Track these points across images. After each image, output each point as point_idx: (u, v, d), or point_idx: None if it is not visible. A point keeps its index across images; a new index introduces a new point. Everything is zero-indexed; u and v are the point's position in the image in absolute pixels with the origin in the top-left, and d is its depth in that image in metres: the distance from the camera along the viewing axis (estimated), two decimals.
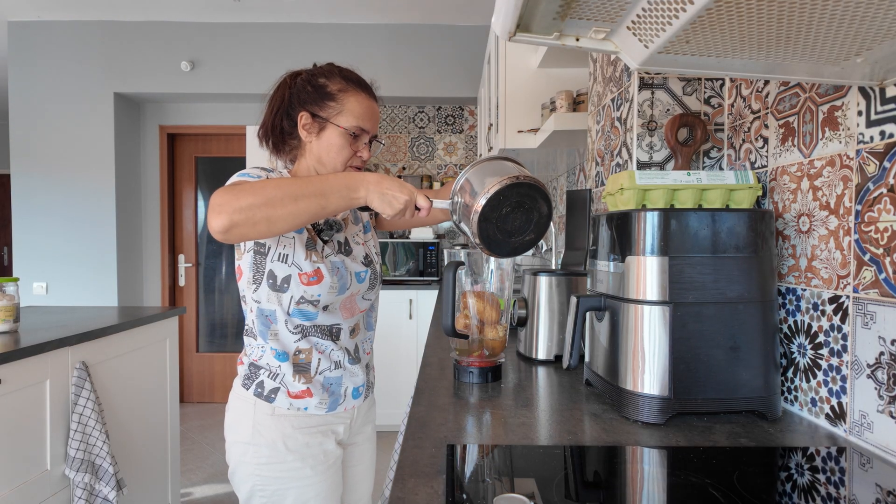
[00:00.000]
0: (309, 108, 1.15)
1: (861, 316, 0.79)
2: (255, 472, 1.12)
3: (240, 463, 1.13)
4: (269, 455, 1.11)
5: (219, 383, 4.31)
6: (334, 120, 1.15)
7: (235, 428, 1.15)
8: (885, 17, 0.58)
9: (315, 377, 1.15)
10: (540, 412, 0.95)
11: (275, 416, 1.12)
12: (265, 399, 1.12)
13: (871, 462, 0.75)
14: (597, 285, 1.03)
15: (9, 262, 6.51)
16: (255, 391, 1.13)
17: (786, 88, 0.97)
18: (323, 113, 1.15)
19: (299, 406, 1.14)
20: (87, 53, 3.86)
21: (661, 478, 0.72)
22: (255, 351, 1.15)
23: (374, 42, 3.93)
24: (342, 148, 1.15)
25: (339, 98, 1.16)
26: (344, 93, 1.16)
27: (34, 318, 2.02)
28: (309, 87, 1.16)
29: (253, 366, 1.15)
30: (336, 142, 1.15)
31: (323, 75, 1.18)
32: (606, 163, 1.43)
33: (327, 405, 1.16)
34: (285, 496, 1.12)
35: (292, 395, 1.13)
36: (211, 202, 0.95)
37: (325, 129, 1.15)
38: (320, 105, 1.15)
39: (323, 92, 1.16)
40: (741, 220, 0.89)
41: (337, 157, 1.16)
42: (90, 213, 3.87)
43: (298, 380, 1.13)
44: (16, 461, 1.52)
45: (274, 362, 1.13)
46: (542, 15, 0.64)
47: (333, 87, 1.16)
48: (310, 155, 1.18)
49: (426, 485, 0.67)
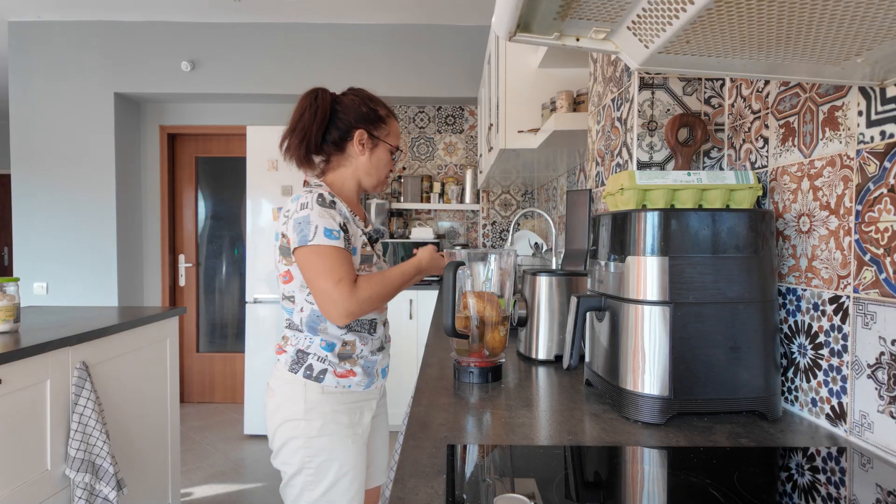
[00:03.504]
0: (366, 127, 1.36)
1: (861, 316, 0.79)
2: (305, 446, 1.27)
3: (290, 439, 1.28)
4: (321, 428, 1.28)
5: (219, 383, 4.31)
6: (386, 140, 1.38)
7: (287, 407, 1.29)
8: (886, 17, 0.58)
9: (357, 361, 1.33)
10: (540, 412, 0.95)
11: (324, 394, 1.30)
12: (314, 380, 1.29)
13: (871, 462, 0.75)
14: (597, 285, 1.03)
15: (9, 262, 6.51)
16: (305, 374, 1.29)
17: (786, 88, 0.97)
18: (377, 133, 1.37)
19: (344, 384, 1.32)
20: (88, 53, 3.86)
21: (662, 478, 0.72)
22: (302, 341, 1.32)
23: (374, 42, 3.93)
24: (388, 163, 1.40)
25: (387, 121, 1.39)
26: (389, 117, 1.40)
27: (34, 318, 2.02)
28: (364, 109, 1.35)
29: (300, 352, 1.31)
30: (385, 158, 1.39)
31: (371, 99, 1.38)
32: (607, 163, 1.43)
33: (365, 384, 1.35)
34: (330, 467, 1.28)
35: (338, 375, 1.31)
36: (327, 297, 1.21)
37: (377, 146, 1.37)
38: (376, 126, 1.37)
39: (376, 115, 1.37)
40: (741, 221, 0.89)
41: (384, 170, 1.40)
42: (90, 213, 3.87)
43: (343, 364, 1.31)
44: (16, 461, 1.52)
45: (321, 351, 1.31)
46: (543, 15, 0.64)
47: (382, 112, 1.39)
48: (354, 167, 1.38)
49: (426, 485, 0.67)
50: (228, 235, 4.35)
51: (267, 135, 3.53)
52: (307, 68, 3.91)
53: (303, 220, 1.23)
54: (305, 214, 1.24)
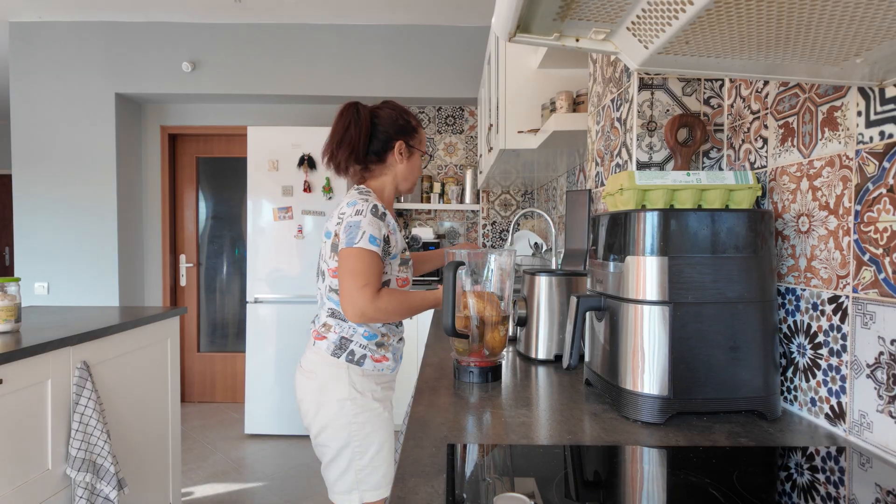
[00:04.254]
0: (404, 138, 1.52)
1: (860, 316, 0.80)
2: (351, 422, 1.42)
3: (336, 417, 1.42)
4: (364, 405, 1.44)
5: (220, 383, 4.31)
6: (419, 147, 1.57)
7: (332, 388, 1.43)
8: (885, 18, 0.58)
9: (389, 348, 1.50)
10: (540, 412, 0.95)
11: (364, 376, 1.45)
12: (356, 363, 1.44)
13: (870, 462, 0.75)
14: (596, 285, 1.04)
15: (10, 261, 6.52)
16: (347, 358, 1.44)
17: (785, 89, 0.97)
18: (412, 142, 1.54)
19: (380, 368, 1.48)
20: (89, 54, 3.86)
21: (661, 477, 0.73)
22: (346, 329, 1.46)
23: (375, 42, 3.93)
24: (420, 167, 1.59)
25: (419, 130, 1.57)
26: (419, 126, 1.58)
27: (35, 317, 2.03)
28: (401, 121, 1.52)
29: (343, 339, 1.45)
30: (418, 163, 1.58)
31: (405, 112, 1.56)
32: (606, 163, 1.43)
33: (392, 367, 1.52)
34: (373, 439, 1.44)
35: (375, 360, 1.47)
36: (350, 295, 1.35)
37: (413, 154, 1.55)
38: (411, 136, 1.54)
39: (410, 126, 1.54)
40: (741, 221, 0.89)
41: (418, 174, 1.59)
42: (91, 213, 3.87)
43: (379, 350, 1.48)
44: (17, 461, 1.52)
45: (363, 340, 1.46)
46: (542, 16, 0.64)
47: (414, 122, 1.56)
48: (394, 174, 1.55)
49: (426, 484, 0.68)
50: (229, 235, 4.36)
51: (268, 135, 3.53)
52: (308, 69, 3.92)
53: (354, 224, 1.38)
54: (358, 220, 1.38)
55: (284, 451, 3.34)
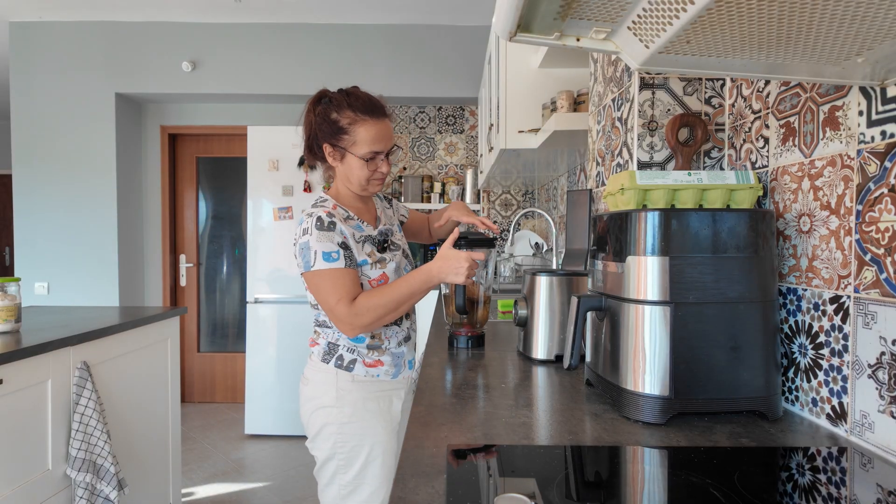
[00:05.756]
0: (329, 141, 1.36)
1: (862, 316, 0.79)
2: (337, 432, 1.33)
3: (324, 426, 1.34)
4: (351, 414, 1.34)
5: (220, 383, 4.31)
6: (351, 150, 1.35)
7: (320, 396, 1.36)
8: (886, 17, 0.58)
9: (385, 352, 1.40)
10: (540, 412, 0.95)
11: (354, 382, 1.36)
12: (345, 369, 1.36)
13: (872, 462, 0.75)
14: (597, 285, 1.03)
15: (10, 262, 6.52)
16: (336, 363, 1.36)
17: (786, 88, 0.97)
18: (341, 144, 1.35)
19: (373, 374, 1.38)
20: (89, 54, 3.86)
21: (662, 478, 0.72)
22: (331, 334, 1.39)
23: (375, 42, 3.93)
24: (361, 169, 1.36)
25: (350, 130, 1.34)
26: (353, 125, 1.33)
27: (36, 318, 2.03)
28: (325, 124, 1.35)
29: (331, 344, 1.38)
30: (356, 165, 1.36)
31: (334, 110, 1.35)
32: (607, 163, 1.43)
33: (392, 374, 1.41)
34: (360, 453, 1.33)
35: (367, 365, 1.38)
36: (332, 315, 1.30)
37: (345, 156, 1.36)
38: (337, 138, 1.35)
39: (336, 127, 1.34)
40: (742, 221, 0.89)
41: (360, 176, 1.37)
42: (92, 213, 3.87)
43: (371, 354, 1.38)
44: (17, 461, 1.52)
45: (351, 343, 1.38)
46: (543, 15, 0.64)
47: (344, 122, 1.34)
48: (340, 176, 1.41)
49: (427, 484, 0.68)
50: (229, 235, 4.36)
51: (268, 135, 3.53)
52: (308, 68, 3.91)
53: (304, 245, 1.31)
54: (306, 241, 1.30)
55: (285, 451, 3.34)
